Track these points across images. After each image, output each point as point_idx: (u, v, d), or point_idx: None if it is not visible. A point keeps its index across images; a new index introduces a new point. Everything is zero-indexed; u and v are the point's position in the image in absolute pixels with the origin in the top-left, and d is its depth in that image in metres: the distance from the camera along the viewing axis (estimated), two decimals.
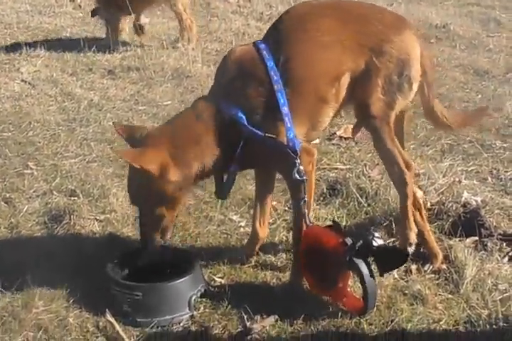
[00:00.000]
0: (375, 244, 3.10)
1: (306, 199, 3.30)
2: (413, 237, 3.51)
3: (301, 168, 3.24)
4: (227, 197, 3.52)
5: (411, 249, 3.49)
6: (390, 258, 3.15)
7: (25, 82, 6.70)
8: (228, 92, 3.30)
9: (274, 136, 3.23)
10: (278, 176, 3.64)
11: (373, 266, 3.19)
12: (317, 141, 5.03)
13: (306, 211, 3.32)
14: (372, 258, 3.16)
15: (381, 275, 3.23)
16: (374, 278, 3.14)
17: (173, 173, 3.23)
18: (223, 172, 3.37)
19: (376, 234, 3.15)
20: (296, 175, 3.25)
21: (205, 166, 3.29)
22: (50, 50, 7.47)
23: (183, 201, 3.47)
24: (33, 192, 4.52)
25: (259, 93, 3.25)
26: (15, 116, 5.84)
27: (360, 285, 3.21)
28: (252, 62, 3.30)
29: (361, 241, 3.10)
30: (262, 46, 3.31)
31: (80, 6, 9.69)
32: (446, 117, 3.64)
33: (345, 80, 3.34)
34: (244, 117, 3.22)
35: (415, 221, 3.59)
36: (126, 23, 7.91)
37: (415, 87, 3.44)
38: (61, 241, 3.94)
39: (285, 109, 3.21)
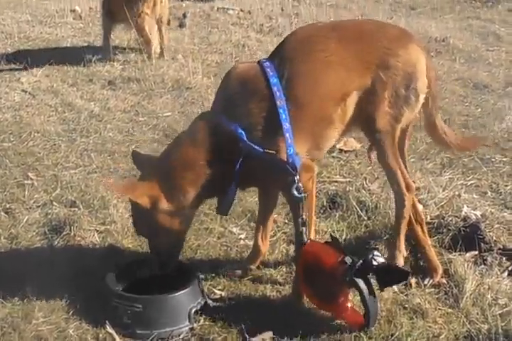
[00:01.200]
0: (375, 263, 3.09)
1: (303, 217, 3.30)
2: (400, 261, 3.56)
3: (300, 184, 3.24)
4: (228, 213, 3.52)
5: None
6: (390, 276, 3.14)
7: (26, 92, 6.71)
8: (229, 107, 3.30)
9: (273, 152, 3.23)
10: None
11: (373, 281, 3.18)
12: None
13: (304, 229, 3.31)
14: (372, 275, 3.16)
15: (381, 290, 3.22)
16: (375, 295, 3.14)
17: (164, 204, 3.30)
18: (224, 189, 3.36)
19: (376, 252, 3.13)
20: (295, 192, 3.24)
21: (204, 188, 3.32)
22: (50, 60, 7.48)
23: (189, 225, 3.51)
24: (33, 202, 4.52)
25: (261, 109, 3.25)
26: (15, 126, 5.85)
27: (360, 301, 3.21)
28: (254, 78, 3.30)
29: (361, 261, 3.09)
30: (267, 64, 3.31)
31: (80, 17, 9.72)
32: (446, 133, 3.66)
33: (352, 100, 3.35)
34: (244, 133, 3.22)
35: (416, 235, 3.61)
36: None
37: (422, 99, 3.46)
38: (61, 252, 3.94)
39: (286, 125, 3.20)
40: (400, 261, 3.55)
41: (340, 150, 5.21)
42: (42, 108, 6.29)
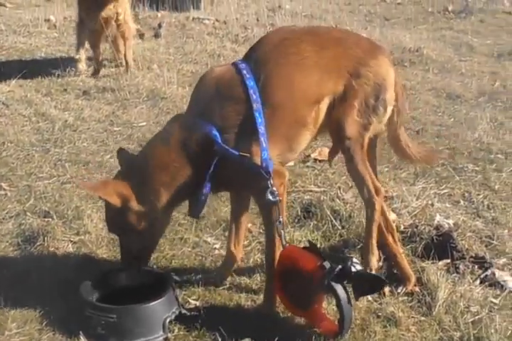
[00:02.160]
0: (353, 269, 3.10)
1: (281, 219, 3.30)
2: (374, 262, 3.55)
3: (274, 189, 3.24)
4: (199, 216, 3.52)
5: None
6: (367, 284, 3.15)
7: None
8: (204, 110, 3.30)
9: (247, 155, 3.23)
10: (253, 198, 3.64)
11: (349, 290, 3.20)
12: (291, 163, 5.07)
13: (283, 232, 3.32)
14: (348, 282, 3.17)
15: (356, 299, 3.23)
16: (350, 302, 3.15)
17: (134, 204, 3.29)
18: (197, 192, 3.34)
19: (354, 260, 3.15)
20: (269, 197, 3.25)
21: (177, 190, 3.30)
22: (24, 70, 7.45)
23: (162, 228, 3.50)
24: (6, 213, 4.49)
25: (237, 111, 3.26)
26: None
27: (335, 308, 3.22)
28: (231, 80, 3.30)
29: (340, 266, 3.09)
30: (243, 66, 3.32)
31: (55, 26, 9.71)
32: (410, 147, 3.70)
33: (325, 104, 3.39)
34: (218, 135, 3.22)
35: (388, 244, 3.63)
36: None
37: (389, 110, 3.50)
38: (35, 262, 3.91)
39: (262, 129, 3.22)
40: (374, 265, 3.54)
41: (315, 160, 5.23)
42: (15, 118, 6.26)
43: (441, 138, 5.69)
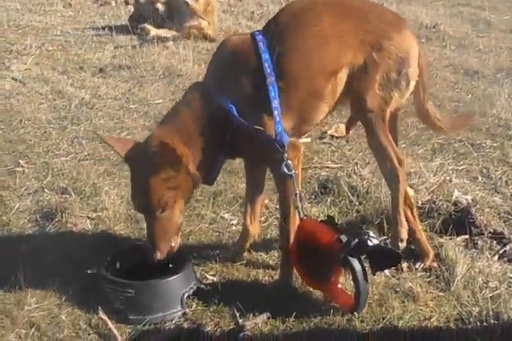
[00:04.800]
0: (370, 243, 3.09)
1: (297, 192, 3.30)
2: (404, 233, 3.53)
3: (290, 162, 3.24)
4: (213, 183, 3.49)
5: (402, 245, 3.51)
6: (383, 259, 3.14)
7: (16, 80, 6.71)
8: (220, 82, 3.29)
9: (262, 129, 3.23)
10: (268, 174, 3.63)
11: (366, 265, 3.20)
12: (308, 139, 5.06)
13: (300, 204, 3.31)
14: (365, 257, 3.17)
15: (373, 274, 3.23)
16: (367, 276, 3.15)
17: (191, 165, 3.21)
18: (214, 159, 3.34)
19: (371, 234, 3.14)
20: (285, 169, 3.24)
21: (204, 156, 3.26)
22: (40, 48, 7.46)
23: (190, 199, 3.43)
24: (25, 190, 4.52)
25: (251, 84, 3.25)
26: (5, 115, 5.85)
27: (352, 282, 3.22)
28: (246, 53, 3.29)
29: (356, 240, 3.09)
30: (259, 37, 3.30)
31: (70, 5, 9.70)
32: (439, 119, 3.67)
33: (343, 76, 3.35)
34: (234, 107, 3.21)
35: (407, 219, 3.61)
36: None
37: (412, 85, 3.46)
38: (53, 238, 3.94)
39: (275, 102, 3.21)
40: (404, 235, 3.52)
41: (332, 136, 5.21)
42: (32, 96, 6.28)
43: (459, 115, 5.63)
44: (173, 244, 3.29)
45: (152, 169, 3.14)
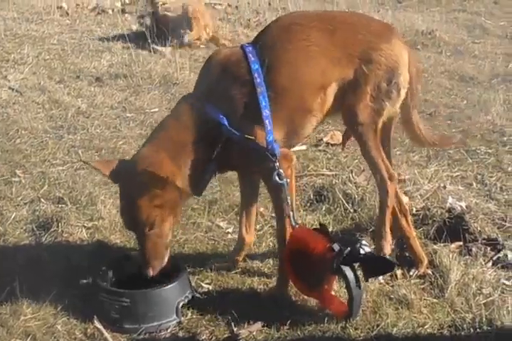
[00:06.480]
0: (362, 251, 3.11)
1: (288, 201, 3.31)
2: (388, 248, 3.52)
3: (281, 170, 3.25)
4: (201, 194, 3.49)
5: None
6: (376, 266, 3.16)
7: (13, 89, 6.72)
8: (211, 93, 3.32)
9: (253, 138, 3.24)
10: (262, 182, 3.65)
11: (359, 272, 3.21)
12: (303, 147, 5.07)
13: (291, 213, 3.33)
14: (358, 265, 3.18)
15: (366, 281, 3.25)
16: (360, 284, 3.16)
17: (179, 181, 3.24)
18: (203, 171, 3.34)
19: (363, 242, 3.16)
20: (277, 178, 3.26)
21: (193, 169, 3.27)
22: (37, 57, 7.49)
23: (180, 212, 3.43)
24: (21, 199, 4.53)
25: (241, 95, 3.27)
26: (2, 124, 5.86)
27: (345, 290, 3.24)
28: (236, 63, 3.31)
29: (349, 249, 3.11)
30: (249, 49, 3.32)
31: (67, 13, 9.73)
32: (421, 130, 3.66)
33: (332, 90, 3.37)
34: (225, 118, 3.23)
35: (401, 226, 3.63)
36: None
37: (403, 93, 3.47)
38: (49, 248, 3.94)
39: (266, 112, 3.23)
40: (387, 250, 3.55)
41: (327, 144, 5.24)
42: (29, 105, 6.30)
43: (454, 121, 5.67)
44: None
45: (138, 190, 3.17)
